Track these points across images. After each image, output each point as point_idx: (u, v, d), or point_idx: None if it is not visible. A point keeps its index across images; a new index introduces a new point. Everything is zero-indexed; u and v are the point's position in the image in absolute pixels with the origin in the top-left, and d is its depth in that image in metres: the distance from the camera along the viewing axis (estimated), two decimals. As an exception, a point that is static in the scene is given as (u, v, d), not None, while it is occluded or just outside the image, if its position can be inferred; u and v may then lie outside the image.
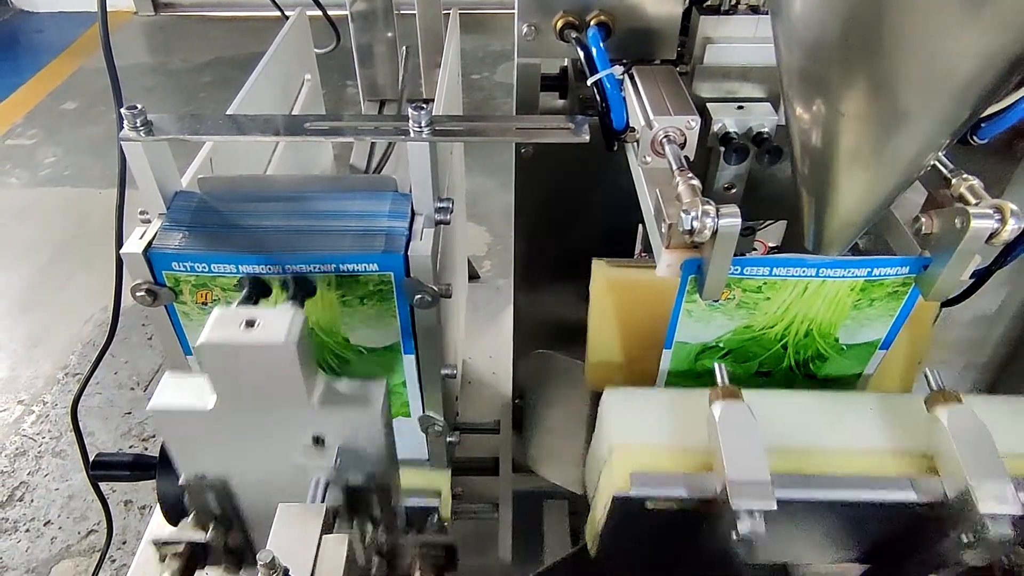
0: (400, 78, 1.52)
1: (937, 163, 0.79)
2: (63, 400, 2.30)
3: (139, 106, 0.76)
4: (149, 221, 0.80)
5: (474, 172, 2.95)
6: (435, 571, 0.92)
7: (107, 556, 1.85)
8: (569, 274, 1.25)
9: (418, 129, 0.75)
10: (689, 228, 0.70)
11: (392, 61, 1.64)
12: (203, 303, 0.80)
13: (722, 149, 0.94)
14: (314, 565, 0.66)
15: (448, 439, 0.97)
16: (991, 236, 0.70)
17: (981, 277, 1.05)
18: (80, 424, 2.21)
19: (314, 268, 0.77)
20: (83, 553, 1.93)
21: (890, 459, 0.75)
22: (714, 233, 0.71)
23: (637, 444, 0.75)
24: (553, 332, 1.33)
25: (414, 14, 1.59)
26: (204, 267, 0.77)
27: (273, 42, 1.19)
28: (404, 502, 0.90)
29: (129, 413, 2.26)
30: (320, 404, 0.72)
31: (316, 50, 1.51)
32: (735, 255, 0.75)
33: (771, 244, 1.29)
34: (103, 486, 1.98)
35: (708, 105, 0.95)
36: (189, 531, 0.86)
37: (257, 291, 0.75)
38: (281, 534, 0.69)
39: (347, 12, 1.56)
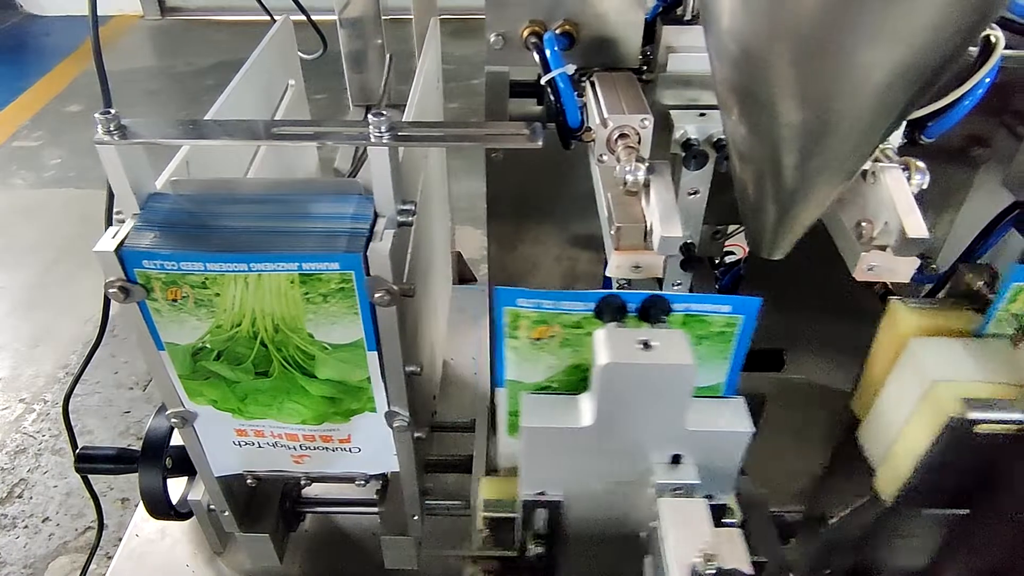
0: (383, 84, 1.55)
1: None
2: (60, 400, 2.34)
3: (113, 111, 0.79)
4: (123, 221, 0.84)
5: (473, 176, 2.97)
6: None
7: (101, 551, 1.89)
8: (543, 275, 1.29)
9: (378, 134, 0.78)
10: (623, 180, 0.76)
11: (381, 67, 1.67)
12: (173, 300, 0.83)
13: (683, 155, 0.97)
14: (721, 556, 0.66)
15: (416, 435, 1.00)
16: None
17: (940, 281, 1.08)
18: (80, 423, 2.26)
19: (278, 267, 0.80)
20: (79, 549, 1.96)
21: None
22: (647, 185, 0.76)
23: (956, 378, 0.80)
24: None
25: (404, 19, 1.62)
26: (173, 265, 0.80)
27: (256, 48, 1.22)
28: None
29: (128, 412, 2.30)
30: (694, 425, 0.75)
31: (304, 56, 1.54)
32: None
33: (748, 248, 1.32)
34: (101, 484, 2.02)
35: (671, 112, 0.97)
36: (497, 547, 0.89)
37: (613, 313, 0.77)
38: (674, 528, 0.70)
39: (336, 18, 1.59)
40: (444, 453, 1.31)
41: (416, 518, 1.11)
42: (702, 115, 0.97)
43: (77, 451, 1.21)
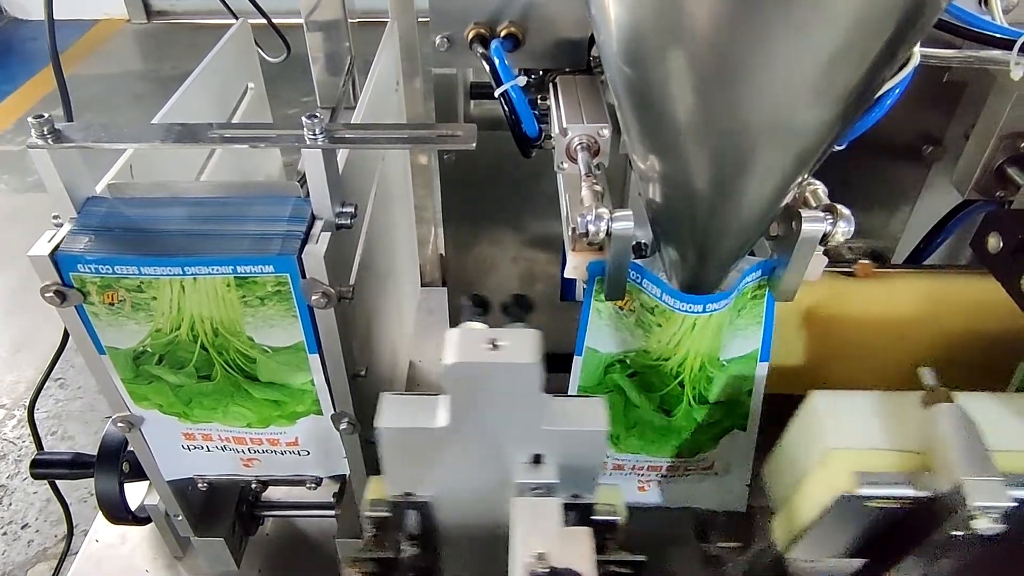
0: (341, 86, 1.55)
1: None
2: (44, 405, 2.33)
3: (46, 114, 0.79)
4: (61, 225, 0.84)
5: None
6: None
7: (73, 554, 1.89)
8: (500, 276, 1.28)
9: (313, 137, 0.78)
10: (584, 231, 0.74)
11: (348, 70, 1.66)
12: (110, 303, 0.83)
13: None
14: (562, 555, 0.66)
15: (366, 437, 1.00)
16: (824, 237, 0.73)
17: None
18: (62, 428, 2.25)
19: (213, 270, 0.80)
20: (59, 556, 1.95)
21: None
22: (608, 235, 0.74)
23: (853, 446, 0.77)
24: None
25: (376, 23, 1.62)
26: (108, 269, 0.80)
27: (210, 52, 1.22)
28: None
29: (109, 417, 2.28)
30: (550, 423, 0.74)
31: (270, 59, 1.54)
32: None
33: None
34: (82, 491, 2.02)
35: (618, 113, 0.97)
36: (377, 549, 0.87)
37: (481, 308, 0.76)
38: (523, 528, 0.70)
39: (302, 21, 1.59)
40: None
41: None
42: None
43: (33, 457, 1.21)
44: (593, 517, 0.82)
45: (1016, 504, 0.68)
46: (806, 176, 0.70)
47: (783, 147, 0.62)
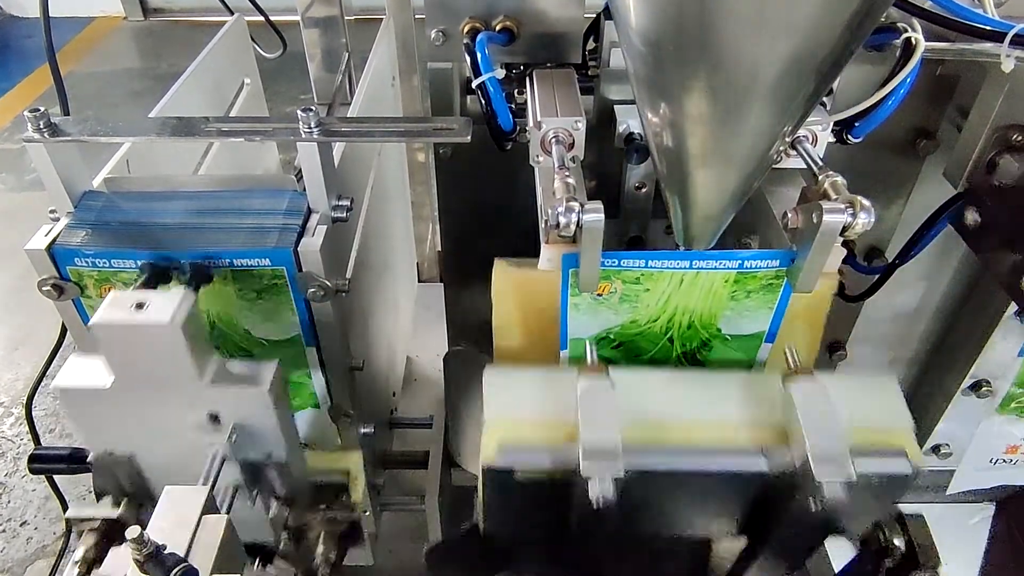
0: (337, 82, 1.56)
1: (809, 161, 0.82)
2: (43, 403, 2.33)
3: (41, 108, 0.79)
4: (58, 219, 0.84)
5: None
6: (339, 545, 0.95)
7: (72, 551, 1.89)
8: (497, 271, 1.29)
9: (308, 130, 0.79)
10: (556, 223, 0.74)
11: (345, 66, 1.67)
12: (107, 297, 0.84)
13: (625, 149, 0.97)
14: (190, 543, 0.69)
15: (362, 430, 1.00)
16: (844, 229, 0.73)
17: (884, 273, 1.09)
18: (60, 425, 2.25)
19: (209, 263, 0.80)
20: (58, 552, 1.96)
21: (747, 431, 0.78)
22: (579, 227, 0.74)
23: (510, 418, 0.78)
24: (486, 328, 1.36)
25: (372, 19, 1.62)
26: (105, 263, 0.81)
27: (206, 47, 1.22)
28: (315, 480, 0.94)
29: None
30: (211, 383, 0.77)
31: (267, 55, 1.55)
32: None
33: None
34: (81, 488, 2.02)
35: (615, 107, 0.97)
36: (105, 508, 0.89)
37: (156, 278, 0.79)
38: (163, 514, 0.72)
39: (299, 18, 1.60)
40: (405, 449, 1.31)
41: (367, 513, 1.11)
42: (645, 110, 0.97)
43: (30, 453, 1.21)
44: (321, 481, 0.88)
45: (632, 473, 0.70)
46: (794, 126, 0.70)
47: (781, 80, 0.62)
